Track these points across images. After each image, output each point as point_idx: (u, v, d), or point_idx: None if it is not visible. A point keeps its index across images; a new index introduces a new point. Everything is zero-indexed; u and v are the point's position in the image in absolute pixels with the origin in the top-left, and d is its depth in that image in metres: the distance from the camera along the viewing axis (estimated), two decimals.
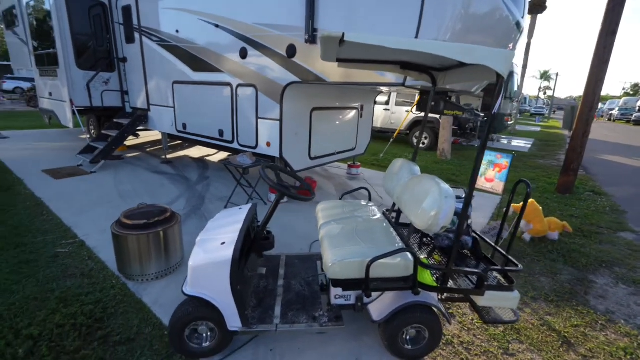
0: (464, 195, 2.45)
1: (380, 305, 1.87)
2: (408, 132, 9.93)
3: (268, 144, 4.19)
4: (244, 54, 4.07)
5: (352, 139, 5.55)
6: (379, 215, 2.32)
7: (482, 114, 3.78)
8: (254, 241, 2.02)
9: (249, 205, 2.29)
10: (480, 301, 1.82)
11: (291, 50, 3.59)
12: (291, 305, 1.98)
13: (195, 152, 7.32)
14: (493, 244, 2.17)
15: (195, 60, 4.73)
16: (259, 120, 4.19)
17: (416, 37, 2.79)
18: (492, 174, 3.68)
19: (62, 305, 2.21)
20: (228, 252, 1.67)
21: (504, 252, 2.04)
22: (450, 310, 2.42)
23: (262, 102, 4.09)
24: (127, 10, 5.62)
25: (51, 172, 5.24)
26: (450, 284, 1.86)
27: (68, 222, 3.47)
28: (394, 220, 2.64)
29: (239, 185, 4.23)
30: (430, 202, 1.68)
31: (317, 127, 4.49)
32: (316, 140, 4.56)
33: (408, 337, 1.91)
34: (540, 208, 3.65)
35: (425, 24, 2.73)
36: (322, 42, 1.60)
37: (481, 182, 3.80)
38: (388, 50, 1.78)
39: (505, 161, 3.57)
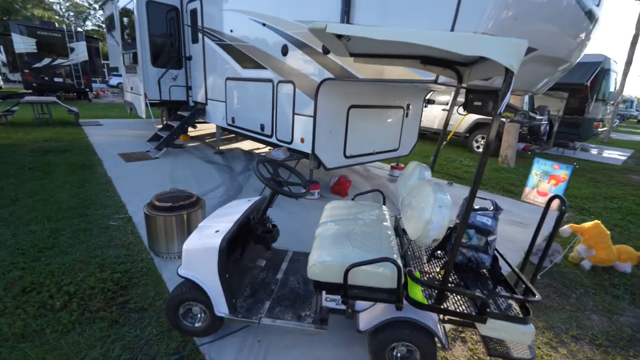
0: (491, 208, 2.18)
1: (369, 316, 1.76)
2: (468, 135, 9.11)
3: (302, 140, 4.23)
4: (285, 51, 4.17)
5: (394, 139, 5.31)
6: (386, 220, 2.17)
7: (542, 117, 3.20)
8: (250, 232, 2.06)
9: (258, 198, 2.34)
10: (483, 329, 1.60)
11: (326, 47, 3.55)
12: (281, 301, 1.98)
13: (247, 145, 7.76)
14: (514, 267, 1.88)
15: (244, 58, 5.00)
16: (295, 116, 4.26)
17: (452, 26, 2.52)
18: (547, 187, 3.17)
19: (98, 270, 2.55)
20: (217, 241, 1.74)
21: (524, 278, 1.75)
22: (462, 334, 2.17)
23: (299, 98, 4.15)
24: (194, 13, 6.18)
25: (124, 155, 6.06)
26: (452, 303, 1.66)
27: (124, 200, 3.98)
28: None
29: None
30: (424, 211, 1.52)
31: (354, 125, 4.40)
32: (353, 138, 4.47)
33: (398, 355, 1.77)
34: (608, 233, 3.04)
35: (463, 11, 2.45)
36: (314, 34, 1.54)
37: (532, 196, 3.31)
38: (397, 43, 1.65)
39: (563, 173, 3.05)
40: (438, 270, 2.02)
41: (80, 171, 5.00)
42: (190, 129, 8.04)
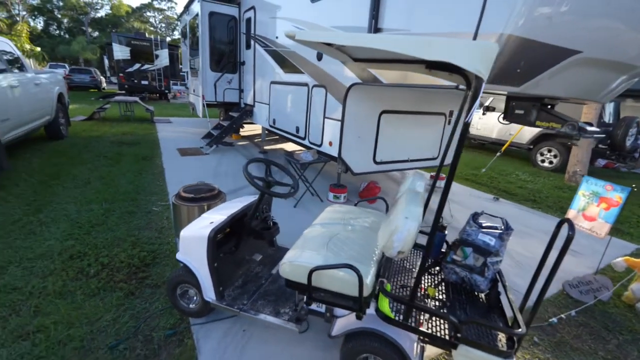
0: (501, 226, 2.00)
1: (344, 322, 1.74)
2: (531, 146, 8.16)
3: (330, 144, 4.28)
4: (319, 56, 4.27)
5: (433, 147, 5.03)
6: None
7: (597, 129, 2.62)
8: (246, 227, 2.18)
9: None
10: (456, 356, 1.47)
11: None
12: (267, 296, 2.06)
13: (290, 146, 8.06)
14: (509, 295, 1.68)
15: (286, 63, 5.24)
16: (325, 120, 4.33)
17: (477, 28, 2.34)
18: (595, 211, 2.73)
19: (130, 247, 2.93)
20: (207, 231, 1.89)
21: (514, 306, 1.56)
22: None
23: (330, 102, 4.21)
24: (248, 21, 6.67)
25: (181, 150, 6.78)
26: (427, 322, 1.56)
27: (169, 189, 4.47)
28: None
29: (300, 179, 4.49)
30: (392, 220, 1.46)
31: (386, 131, 4.30)
32: (384, 144, 4.37)
33: None
34: None
35: (489, 10, 2.26)
36: (293, 41, 1.60)
37: (577, 220, 2.87)
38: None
39: (617, 196, 2.59)
40: (426, 287, 1.90)
41: (142, 162, 5.75)
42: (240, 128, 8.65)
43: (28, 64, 5.80)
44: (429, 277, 1.99)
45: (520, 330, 1.39)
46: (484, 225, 2.03)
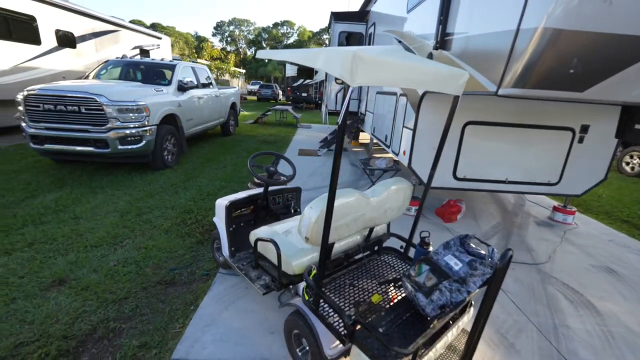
0: (487, 255, 1.78)
1: (292, 298, 1.98)
2: None
3: (404, 153, 4.20)
4: None
5: (551, 169, 4.06)
6: None
7: None
8: (265, 207, 2.67)
9: (288, 186, 2.90)
10: (351, 354, 1.48)
11: (429, 57, 3.44)
12: None
13: None
14: (443, 326, 1.47)
15: None
16: (404, 129, 4.27)
17: (520, 21, 1.98)
18: None
19: (210, 214, 3.97)
20: (226, 202, 2.50)
21: (426, 334, 1.40)
22: None
23: (408, 111, 4.15)
24: (370, 36, 7.16)
25: (301, 150, 7.98)
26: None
27: None
28: (401, 249, 2.26)
29: (373, 184, 4.61)
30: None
31: (471, 145, 3.86)
32: (468, 159, 3.93)
33: (305, 347, 1.87)
34: None
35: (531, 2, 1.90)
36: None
37: None
38: None
39: None
40: (383, 294, 1.85)
41: (268, 156, 7.19)
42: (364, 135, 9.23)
43: (214, 81, 8.32)
44: (394, 288, 1.91)
45: (405, 350, 1.28)
46: (469, 250, 1.78)
